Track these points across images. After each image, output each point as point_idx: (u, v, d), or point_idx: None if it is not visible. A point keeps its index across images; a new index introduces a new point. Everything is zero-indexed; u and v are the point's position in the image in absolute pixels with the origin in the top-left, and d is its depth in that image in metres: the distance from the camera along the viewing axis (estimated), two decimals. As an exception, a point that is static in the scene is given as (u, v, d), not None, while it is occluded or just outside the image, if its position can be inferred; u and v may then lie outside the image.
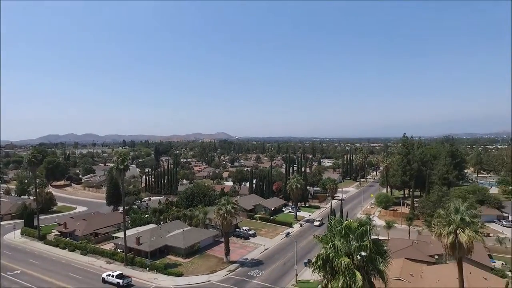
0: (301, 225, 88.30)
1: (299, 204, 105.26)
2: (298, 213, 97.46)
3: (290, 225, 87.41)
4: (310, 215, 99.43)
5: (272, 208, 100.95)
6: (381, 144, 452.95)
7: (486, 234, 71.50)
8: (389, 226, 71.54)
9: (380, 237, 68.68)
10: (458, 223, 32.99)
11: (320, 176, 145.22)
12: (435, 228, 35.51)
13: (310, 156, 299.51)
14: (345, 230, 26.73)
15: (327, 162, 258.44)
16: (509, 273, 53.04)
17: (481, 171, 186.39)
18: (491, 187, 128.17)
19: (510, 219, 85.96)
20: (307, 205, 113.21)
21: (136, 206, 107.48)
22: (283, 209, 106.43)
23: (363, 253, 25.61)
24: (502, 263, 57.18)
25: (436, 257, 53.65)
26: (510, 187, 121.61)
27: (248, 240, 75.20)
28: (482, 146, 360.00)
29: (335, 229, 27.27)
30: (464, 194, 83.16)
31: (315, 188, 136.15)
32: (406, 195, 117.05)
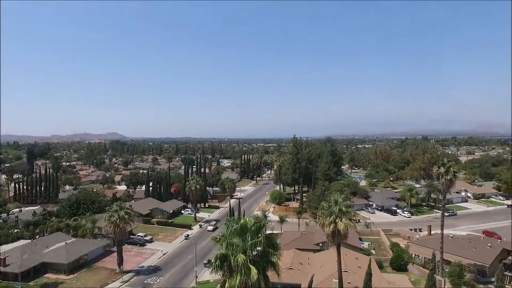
0: (200, 226, 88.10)
1: (198, 205, 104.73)
2: (197, 214, 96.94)
3: (189, 227, 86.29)
4: (209, 216, 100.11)
5: (171, 211, 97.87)
6: (275, 144, 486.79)
7: (357, 221, 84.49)
8: (282, 220, 77.69)
9: (274, 232, 74.20)
10: (337, 213, 38.27)
11: (219, 176, 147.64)
12: (319, 219, 40.37)
13: (210, 156, 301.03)
14: (241, 228, 28.00)
15: (226, 162, 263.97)
16: (373, 251, 64.16)
17: (354, 167, 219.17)
18: (361, 180, 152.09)
19: (374, 206, 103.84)
20: (206, 205, 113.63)
21: (0, 220, 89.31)
22: (182, 211, 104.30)
23: (258, 248, 27.38)
24: (369, 244, 68.69)
25: (321, 244, 60.93)
26: (374, 180, 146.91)
27: (145, 247, 71.16)
28: (355, 146, 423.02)
29: (232, 228, 28.33)
30: (342, 188, 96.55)
31: (214, 188, 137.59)
32: (296, 191, 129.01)
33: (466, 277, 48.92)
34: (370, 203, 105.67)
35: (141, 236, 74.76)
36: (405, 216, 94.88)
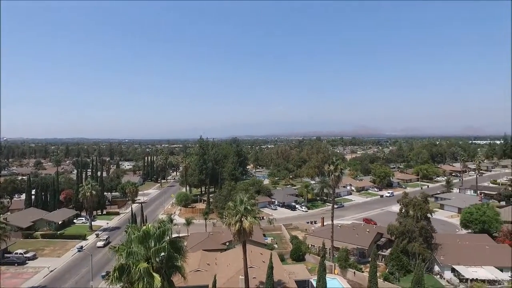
0: (97, 235, 79.96)
1: (95, 212, 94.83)
2: (93, 223, 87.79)
3: (83, 237, 77.44)
4: (108, 223, 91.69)
5: (60, 222, 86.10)
6: (181, 145, 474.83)
7: (261, 218, 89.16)
8: (188, 222, 76.49)
9: (181, 235, 72.64)
10: (242, 212, 39.81)
11: (119, 180, 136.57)
12: (226, 218, 41.32)
13: (108, 159, 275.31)
14: (143, 235, 26.66)
15: (127, 165, 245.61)
16: (276, 245, 68.66)
17: (258, 167, 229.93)
18: (264, 179, 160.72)
19: (276, 203, 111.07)
20: (104, 212, 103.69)
21: None
22: (75, 221, 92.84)
23: (162, 254, 26.59)
24: (272, 238, 73.24)
25: (228, 243, 62.21)
26: (276, 178, 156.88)
27: (26, 265, 60.97)
28: (258, 146, 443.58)
29: (133, 236, 26.78)
30: (247, 187, 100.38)
31: (113, 193, 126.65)
32: (203, 192, 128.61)
33: (351, 260, 56.72)
34: (273, 200, 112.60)
35: (20, 253, 63.83)
36: (302, 210, 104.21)
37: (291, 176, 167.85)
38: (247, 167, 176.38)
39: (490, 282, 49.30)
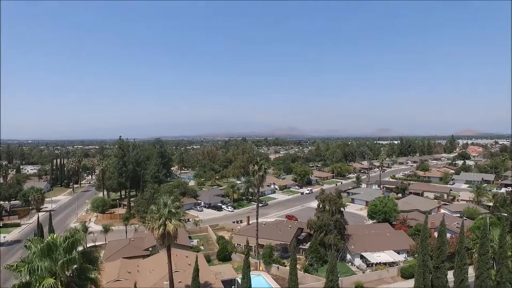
0: (-10, 252, 68.46)
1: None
2: (-15, 238, 74.88)
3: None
4: (5, 237, 79.29)
5: None
6: (97, 147, 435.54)
7: (186, 220, 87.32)
8: (106, 230, 70.83)
9: (97, 243, 66.86)
10: (167, 215, 38.54)
11: (21, 187, 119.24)
12: (148, 223, 39.47)
13: (5, 163, 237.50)
14: (48, 247, 23.93)
15: (30, 169, 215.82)
16: (202, 247, 68.05)
17: (183, 168, 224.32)
18: (190, 180, 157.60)
19: (202, 204, 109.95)
20: (1, 224, 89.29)
21: None
22: (-41, 237, 77.98)
23: (74, 266, 24.33)
24: (198, 240, 72.32)
25: (150, 249, 59.41)
26: (202, 179, 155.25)
27: None
28: (184, 147, 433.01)
29: (35, 249, 23.88)
30: (171, 189, 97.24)
31: (13, 201, 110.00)
32: (123, 196, 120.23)
33: (274, 256, 59.34)
34: (199, 201, 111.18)
35: None
36: (229, 210, 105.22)
37: (217, 177, 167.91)
38: (172, 169, 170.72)
39: (390, 264, 56.79)
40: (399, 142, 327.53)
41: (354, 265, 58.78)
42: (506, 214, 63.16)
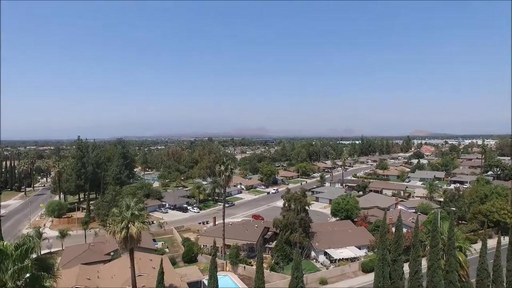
0: None
1: None
2: None
3: None
4: None
5: None
6: (52, 148, 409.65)
7: (150, 222, 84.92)
8: (63, 235, 67.00)
9: (53, 250, 63.08)
10: (129, 218, 37.32)
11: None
12: (110, 226, 37.96)
13: None
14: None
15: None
16: (167, 250, 66.56)
17: (147, 169, 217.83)
18: (154, 181, 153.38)
19: (167, 206, 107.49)
20: None
21: None
22: None
23: (27, 275, 22.88)
24: (162, 243, 70.63)
25: (112, 253, 57.06)
26: (167, 180, 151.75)
27: None
28: (148, 147, 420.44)
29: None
30: (134, 191, 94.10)
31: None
32: (82, 199, 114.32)
33: (241, 255, 59.50)
34: (163, 203, 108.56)
35: None
36: (195, 211, 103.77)
37: (182, 178, 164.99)
38: (135, 170, 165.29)
39: (352, 259, 59.19)
40: (360, 142, 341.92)
41: (319, 262, 60.54)
42: (454, 209, 68.46)
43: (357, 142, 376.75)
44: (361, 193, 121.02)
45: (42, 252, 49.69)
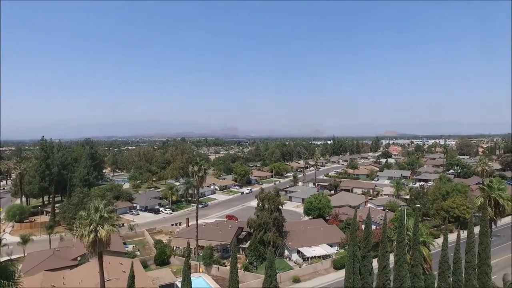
0: None
1: None
2: None
3: None
4: None
5: None
6: (13, 148, 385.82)
7: (121, 225, 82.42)
8: (25, 240, 63.37)
9: (13, 257, 59.55)
10: (98, 221, 35.97)
11: None
12: (77, 230, 36.40)
13: None
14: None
15: None
16: (138, 252, 64.84)
17: (117, 170, 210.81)
18: (124, 183, 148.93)
19: (138, 208, 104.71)
20: None
21: None
22: None
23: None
24: (133, 246, 68.68)
25: (79, 258, 54.79)
26: (138, 181, 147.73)
27: None
28: (118, 148, 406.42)
29: None
30: (103, 193, 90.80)
31: None
32: (46, 202, 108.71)
33: (215, 256, 59.16)
34: (134, 205, 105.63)
35: None
36: (167, 213, 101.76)
37: (154, 179, 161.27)
38: (104, 171, 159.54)
39: (324, 257, 60.58)
40: (332, 142, 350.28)
41: (292, 260, 61.41)
42: (419, 205, 71.90)
43: (329, 142, 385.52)
44: (332, 192, 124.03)
45: (2, 259, 46.77)
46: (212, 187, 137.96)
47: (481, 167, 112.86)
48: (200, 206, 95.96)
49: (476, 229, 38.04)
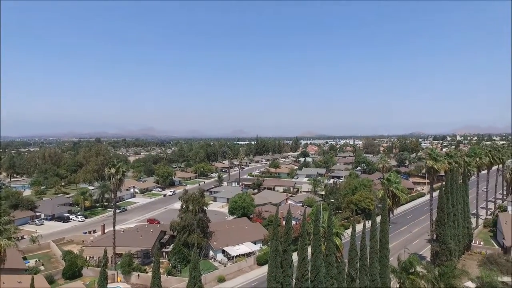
0: None
1: None
2: None
3: None
4: None
5: None
6: None
7: (20, 238, 71.96)
8: None
9: None
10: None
11: None
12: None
13: None
14: None
15: None
16: (42, 267, 57.35)
17: (15, 175, 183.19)
18: (24, 189, 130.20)
19: (43, 217, 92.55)
20: None
21: None
22: None
23: None
24: (36, 260, 60.46)
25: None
26: (43, 187, 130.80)
27: None
28: (16, 149, 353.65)
29: None
30: (-3, 202, 77.98)
31: None
32: None
33: (135, 263, 55.77)
34: (38, 213, 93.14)
35: None
36: (79, 220, 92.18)
37: (63, 183, 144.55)
38: None
39: (248, 255, 62.11)
40: (255, 142, 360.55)
41: (217, 261, 61.48)
42: (332, 200, 78.76)
43: (252, 142, 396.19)
44: (256, 191, 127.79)
45: None
46: (131, 190, 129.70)
47: (382, 164, 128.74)
48: (118, 211, 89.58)
49: (379, 219, 43.43)
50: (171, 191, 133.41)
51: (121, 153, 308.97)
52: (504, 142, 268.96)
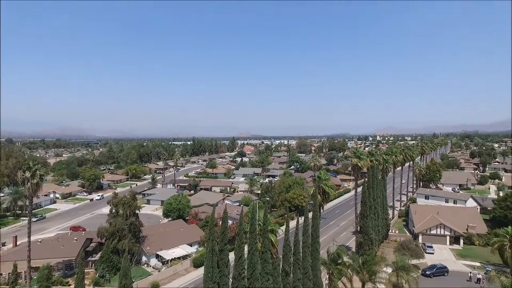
0: None
1: None
2: None
3: None
4: None
5: None
6: None
7: None
8: None
9: None
10: None
11: None
12: None
13: None
14: None
15: None
16: None
17: None
18: None
19: None
20: None
21: None
22: None
23: None
24: None
25: None
26: None
27: None
28: None
29: None
30: None
31: None
32: None
33: (55, 276, 50.34)
34: None
35: None
36: (-17, 233, 79.87)
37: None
38: None
39: (183, 257, 60.53)
40: (191, 143, 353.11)
41: (150, 266, 58.74)
42: (268, 198, 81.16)
43: (189, 143, 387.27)
44: (192, 192, 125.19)
45: None
46: (52, 195, 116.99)
47: (313, 163, 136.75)
48: (34, 219, 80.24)
49: (311, 215, 45.93)
50: (98, 195, 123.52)
51: (38, 154, 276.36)
52: (414, 142, 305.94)
